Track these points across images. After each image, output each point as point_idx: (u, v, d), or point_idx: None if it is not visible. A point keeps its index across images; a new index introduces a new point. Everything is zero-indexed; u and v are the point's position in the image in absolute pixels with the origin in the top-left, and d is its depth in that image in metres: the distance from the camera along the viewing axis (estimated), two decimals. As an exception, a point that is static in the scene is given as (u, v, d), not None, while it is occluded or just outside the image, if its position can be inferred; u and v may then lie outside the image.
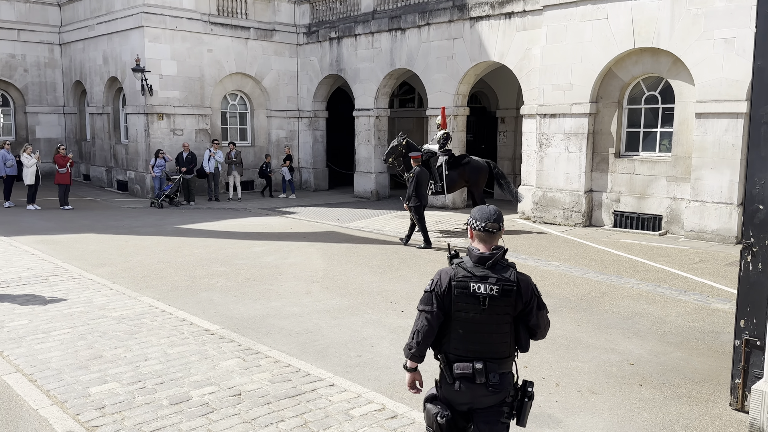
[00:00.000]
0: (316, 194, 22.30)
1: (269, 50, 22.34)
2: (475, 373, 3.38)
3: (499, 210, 3.59)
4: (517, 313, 3.44)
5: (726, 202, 13.06)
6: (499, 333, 3.41)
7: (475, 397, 3.43)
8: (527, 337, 3.51)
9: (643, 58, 14.26)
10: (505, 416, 3.47)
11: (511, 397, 3.48)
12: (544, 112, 15.66)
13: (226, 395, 5.46)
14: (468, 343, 3.41)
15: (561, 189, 15.49)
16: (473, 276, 3.39)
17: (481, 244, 3.48)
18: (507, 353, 3.46)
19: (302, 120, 23.29)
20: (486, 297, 3.36)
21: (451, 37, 18.05)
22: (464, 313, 3.39)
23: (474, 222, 3.50)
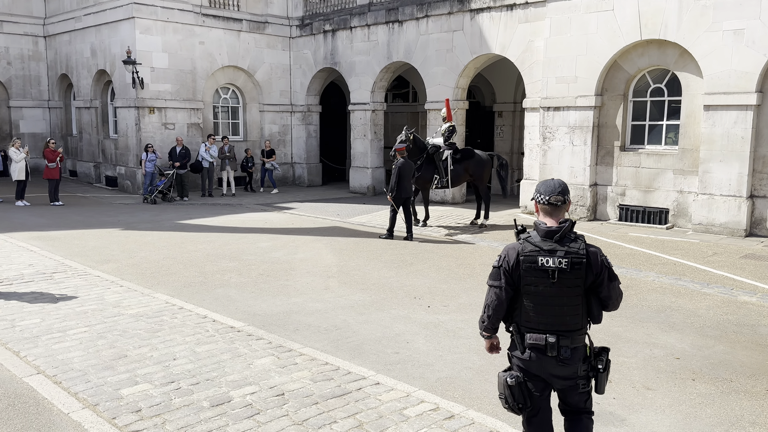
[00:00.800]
0: (310, 190, 21.96)
1: (262, 43, 21.92)
2: (547, 346, 3.42)
3: (564, 183, 3.56)
4: (588, 285, 3.44)
5: (735, 194, 12.98)
6: (570, 306, 3.42)
7: (545, 366, 3.47)
8: (599, 309, 3.53)
9: (649, 50, 14.14)
10: (582, 386, 3.54)
11: (585, 371, 3.50)
12: (547, 105, 15.49)
13: (269, 395, 5.16)
14: (539, 315, 3.44)
15: (565, 183, 15.33)
16: (541, 250, 3.39)
17: (547, 218, 3.48)
18: (579, 325, 3.47)
19: (295, 114, 22.90)
20: (555, 270, 3.37)
21: (451, 30, 17.81)
22: (534, 287, 3.41)
23: (539, 196, 3.51)
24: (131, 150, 20.12)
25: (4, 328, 6.80)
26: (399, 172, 12.67)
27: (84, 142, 22.95)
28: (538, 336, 3.46)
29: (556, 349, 3.42)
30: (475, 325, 7.17)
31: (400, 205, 12.80)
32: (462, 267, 10.26)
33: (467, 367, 5.89)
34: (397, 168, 12.72)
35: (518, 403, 3.52)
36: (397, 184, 12.61)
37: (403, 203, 12.89)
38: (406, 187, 12.78)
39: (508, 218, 15.56)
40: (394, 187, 12.66)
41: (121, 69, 19.80)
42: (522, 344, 3.51)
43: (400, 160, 12.86)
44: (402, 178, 12.66)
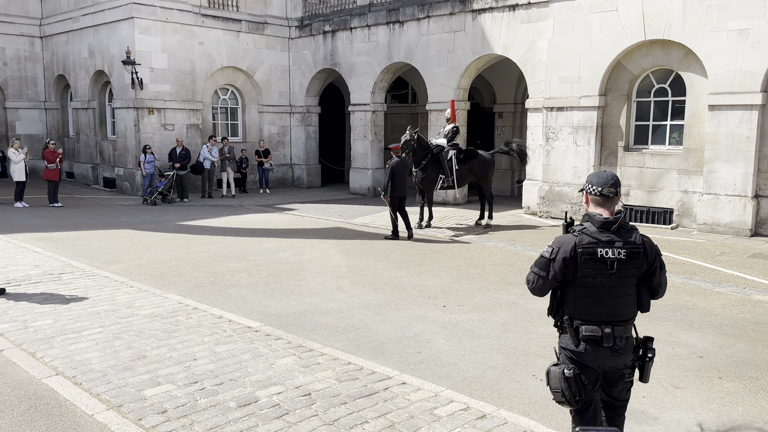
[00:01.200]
0: (309, 191, 21.86)
1: (261, 44, 21.82)
2: (604, 337, 3.44)
3: (616, 175, 3.57)
4: (641, 274, 3.48)
5: (740, 194, 13.00)
6: (625, 295, 3.47)
7: (599, 358, 3.49)
8: (648, 298, 3.57)
9: (653, 51, 14.15)
10: (628, 376, 3.59)
11: (632, 360, 3.56)
12: (551, 106, 15.47)
13: (296, 395, 5.07)
14: (595, 307, 3.46)
15: (569, 183, 15.32)
16: (599, 242, 3.41)
17: (600, 209, 3.49)
18: (632, 314, 3.52)
19: (294, 115, 22.81)
20: (614, 261, 3.39)
21: (452, 30, 17.78)
22: (591, 278, 3.42)
23: (590, 187, 3.52)
24: (130, 151, 19.96)
25: (17, 329, 6.69)
26: (392, 171, 12.67)
27: (81, 143, 22.76)
28: (593, 327, 3.46)
29: (611, 339, 3.45)
30: (494, 324, 7.12)
31: (395, 206, 12.76)
32: (472, 267, 10.20)
33: (492, 367, 5.83)
34: (390, 167, 12.72)
35: (575, 396, 3.49)
36: (390, 183, 12.60)
37: (399, 203, 12.85)
38: (400, 187, 12.75)
39: (511, 218, 15.53)
40: (387, 186, 12.67)
41: (119, 69, 19.65)
42: (576, 337, 3.50)
43: (393, 160, 12.85)
44: (395, 177, 12.66)
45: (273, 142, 22.42)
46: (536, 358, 6.08)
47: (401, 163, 12.91)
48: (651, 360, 3.59)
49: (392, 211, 12.91)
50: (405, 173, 13.00)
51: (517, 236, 13.13)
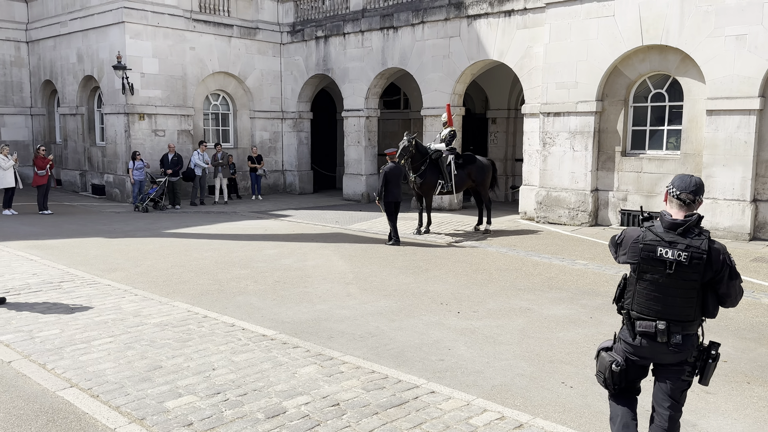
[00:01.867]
0: (302, 197, 21.67)
1: (253, 49, 21.64)
2: (657, 332, 3.48)
3: (700, 182, 3.55)
4: (707, 281, 3.45)
5: (738, 199, 13.04)
6: (684, 297, 3.45)
7: (655, 353, 3.55)
8: (715, 304, 3.52)
9: (650, 56, 14.18)
10: (687, 374, 3.57)
11: (694, 358, 3.54)
12: (547, 111, 15.45)
13: (324, 405, 4.91)
14: (651, 302, 3.50)
15: (566, 188, 15.29)
16: (662, 241, 3.44)
17: (674, 210, 3.52)
18: (691, 317, 3.49)
19: (286, 121, 22.64)
20: (673, 263, 3.41)
21: (448, 36, 17.74)
22: (649, 275, 3.48)
23: (672, 188, 3.55)
24: (120, 157, 19.65)
25: (23, 340, 6.45)
26: (385, 176, 12.69)
27: (69, 149, 22.37)
28: (648, 323, 3.52)
29: (665, 335, 3.48)
30: (512, 331, 7.01)
31: (390, 210, 12.74)
32: (478, 272, 10.10)
33: (519, 374, 5.70)
34: (384, 172, 12.75)
35: (614, 385, 3.71)
36: (384, 188, 12.64)
37: (393, 208, 12.81)
38: (394, 192, 12.73)
39: (509, 224, 15.46)
40: (381, 191, 12.71)
41: (109, 75, 19.36)
42: (632, 331, 3.60)
43: (387, 165, 12.84)
44: (388, 182, 12.66)
45: (265, 148, 22.22)
46: (561, 365, 5.97)
47: (395, 169, 12.87)
48: (713, 363, 3.55)
49: (388, 216, 12.84)
50: (399, 178, 12.93)
51: (518, 241, 13.06)
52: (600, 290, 8.99)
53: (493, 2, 16.69)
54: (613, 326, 7.16)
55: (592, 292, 8.85)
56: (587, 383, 5.50)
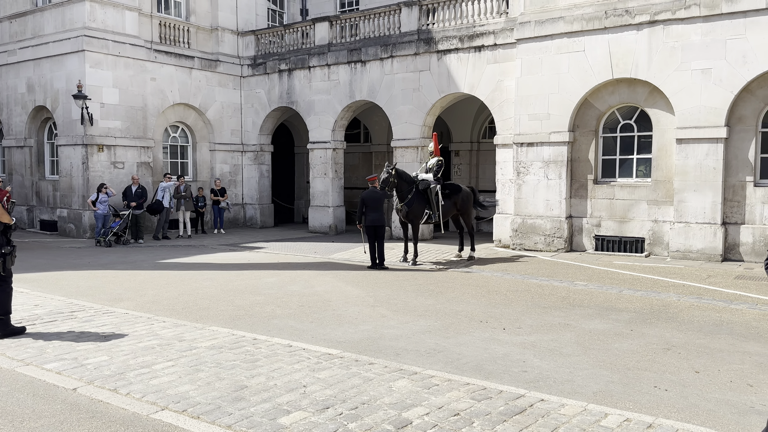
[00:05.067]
0: (264, 231, 21.21)
1: (213, 81, 21.29)
2: None
3: None
4: None
5: (710, 222, 13.75)
6: None
7: None
8: None
9: (619, 89, 14.91)
10: None
11: None
12: (521, 141, 15.89)
13: (446, 416, 4.75)
14: None
15: (541, 215, 15.68)
16: None
17: None
18: None
19: (247, 154, 22.25)
20: None
21: (417, 70, 18.05)
22: None
23: None
24: (76, 191, 18.68)
25: (73, 367, 5.94)
26: (362, 200, 12.96)
27: (15, 184, 21.06)
28: None
29: None
30: (569, 344, 7.04)
31: (370, 234, 12.88)
32: (493, 294, 10.14)
33: (609, 381, 5.72)
34: (361, 198, 13.00)
35: None
36: (362, 212, 12.89)
37: (375, 232, 12.90)
38: (371, 216, 12.90)
39: (486, 252, 15.63)
40: (359, 215, 12.96)
41: (65, 105, 18.52)
42: None
43: (366, 190, 13.13)
44: (366, 206, 12.88)
45: (225, 181, 21.70)
46: (640, 371, 6.04)
47: (371, 193, 13.03)
48: None
49: (368, 240, 12.97)
50: (378, 203, 13.03)
51: (507, 267, 13.22)
52: (619, 306, 9.20)
53: (463, 38, 17.16)
54: (654, 337, 7.34)
55: (613, 308, 9.04)
56: (678, 386, 5.58)
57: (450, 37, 17.40)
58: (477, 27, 16.99)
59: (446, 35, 17.47)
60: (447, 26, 17.61)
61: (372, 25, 19.16)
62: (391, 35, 18.66)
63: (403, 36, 18.34)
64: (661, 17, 13.93)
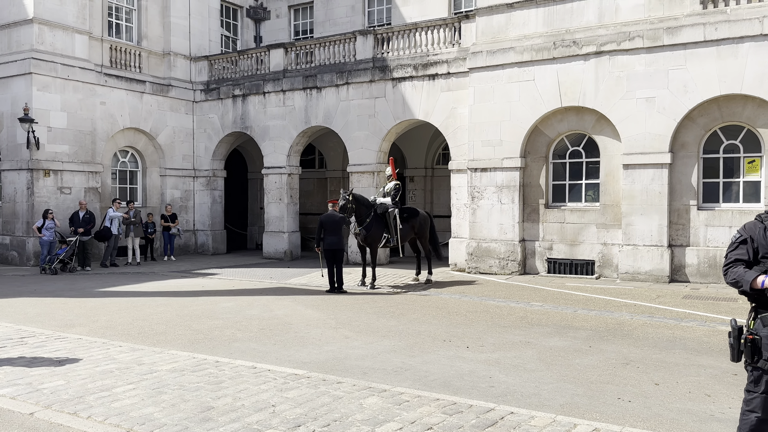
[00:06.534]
0: (217, 258, 20.85)
1: (165, 106, 21.03)
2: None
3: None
4: None
5: (657, 244, 14.21)
6: None
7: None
8: None
9: (567, 116, 15.38)
10: None
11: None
12: (475, 167, 16.18)
13: (419, 430, 4.74)
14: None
15: (495, 239, 15.92)
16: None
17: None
18: None
19: (198, 179, 21.96)
20: None
21: (373, 96, 18.25)
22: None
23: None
24: (20, 217, 18.04)
25: (28, 392, 5.70)
26: (321, 224, 13.05)
27: (-47, 209, 20.18)
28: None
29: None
30: (531, 360, 7.13)
31: (328, 257, 12.92)
32: (453, 315, 10.22)
33: (574, 394, 5.83)
34: (320, 221, 13.11)
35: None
36: (320, 236, 12.99)
37: (332, 256, 12.92)
38: (329, 239, 12.95)
39: (442, 275, 15.72)
40: (318, 239, 13.06)
41: (10, 129, 17.98)
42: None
43: (325, 213, 13.25)
44: (324, 230, 12.96)
45: (176, 207, 21.32)
46: (603, 384, 6.17)
47: (330, 216, 13.10)
48: None
49: (326, 264, 13.00)
50: (336, 226, 13.08)
51: (464, 290, 13.35)
52: (576, 325, 9.39)
53: (417, 66, 17.47)
54: (613, 353, 7.51)
55: (570, 327, 9.22)
56: (641, 398, 5.72)
57: (405, 65, 17.69)
58: (431, 56, 17.33)
59: (401, 63, 17.75)
60: (401, 54, 17.91)
61: (327, 52, 19.32)
62: (346, 62, 18.84)
63: (358, 63, 18.55)
64: (607, 48, 14.51)
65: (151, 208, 20.89)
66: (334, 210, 13.22)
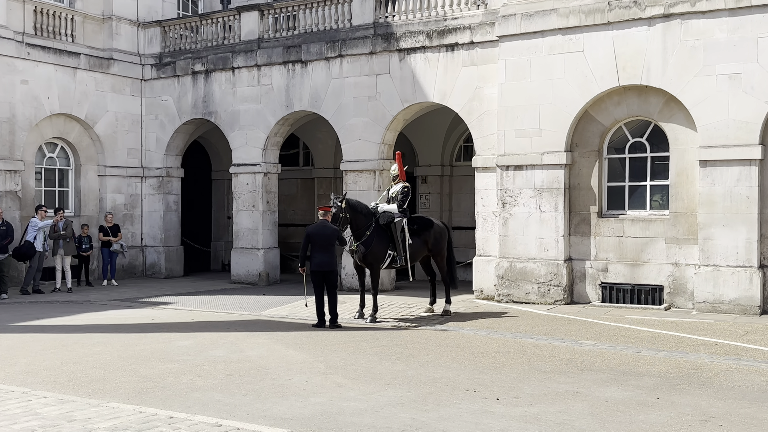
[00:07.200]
0: (173, 282, 20.89)
1: (105, 85, 21.15)
2: None
3: None
4: None
5: (744, 264, 14.15)
6: None
7: None
8: None
9: (627, 98, 15.38)
10: None
11: None
12: (507, 164, 16.18)
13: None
14: None
15: (534, 258, 15.89)
16: None
17: None
18: None
19: (148, 180, 22.10)
20: None
21: (374, 73, 18.30)
22: None
23: None
24: None
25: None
26: (308, 237, 12.92)
27: None
28: None
29: None
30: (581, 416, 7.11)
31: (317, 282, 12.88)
32: (478, 356, 10.22)
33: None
34: (306, 234, 13.00)
35: None
36: (305, 252, 12.98)
37: (322, 278, 12.89)
38: (320, 258, 12.82)
39: (464, 305, 15.73)
40: (302, 256, 13.05)
41: None
42: None
43: (313, 224, 13.41)
44: (313, 244, 12.85)
45: (118, 216, 21.36)
46: (675, 447, 6.13)
47: (320, 228, 13.04)
48: None
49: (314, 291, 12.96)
50: (328, 241, 12.99)
51: (493, 323, 13.35)
52: (639, 370, 9.37)
53: (432, 34, 17.53)
54: (687, 406, 7.49)
55: (632, 372, 9.20)
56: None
57: (415, 32, 17.75)
58: (449, 20, 17.40)
59: (410, 30, 17.82)
60: (411, 18, 17.98)
61: (315, 16, 19.41)
62: (339, 29, 18.92)
63: (355, 30, 18.62)
64: (677, 10, 14.51)
65: (87, 217, 20.99)
66: (326, 220, 13.16)
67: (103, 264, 20.33)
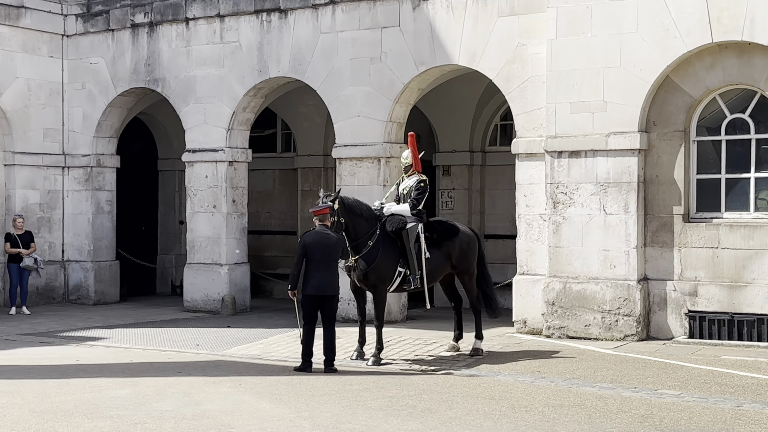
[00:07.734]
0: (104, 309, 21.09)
1: (14, 43, 21.39)
2: None
3: None
4: None
5: None
6: None
7: None
8: None
9: (722, 60, 15.36)
10: None
11: None
12: (559, 149, 16.17)
13: None
14: None
15: (596, 277, 15.87)
16: None
17: None
18: None
19: (72, 172, 22.29)
20: None
21: (379, 26, 18.35)
22: None
23: None
24: None
25: None
26: (304, 248, 13.01)
27: None
28: None
29: None
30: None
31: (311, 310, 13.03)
32: (520, 411, 10.22)
33: None
34: (302, 243, 13.14)
35: None
36: (299, 269, 12.95)
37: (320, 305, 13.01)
38: (319, 277, 12.94)
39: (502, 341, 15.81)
40: (295, 275, 13.00)
41: None
42: None
43: (310, 231, 13.33)
44: (309, 260, 12.93)
45: (31, 220, 21.56)
46: None
47: (321, 237, 13.11)
48: None
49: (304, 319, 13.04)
50: (330, 254, 13.12)
51: (540, 366, 13.37)
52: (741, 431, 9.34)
53: (457, -28, 17.58)
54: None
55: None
56: None
57: (434, -31, 17.81)
58: (480, -47, 17.44)
59: (428, -34, 17.89)
60: (429, -49, 18.03)
61: (298, -53, 19.50)
62: (331, -34, 19.00)
63: (351, -33, 18.70)
64: (793, -62, 14.52)
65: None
66: (325, 226, 13.16)
67: (10, 285, 20.43)
